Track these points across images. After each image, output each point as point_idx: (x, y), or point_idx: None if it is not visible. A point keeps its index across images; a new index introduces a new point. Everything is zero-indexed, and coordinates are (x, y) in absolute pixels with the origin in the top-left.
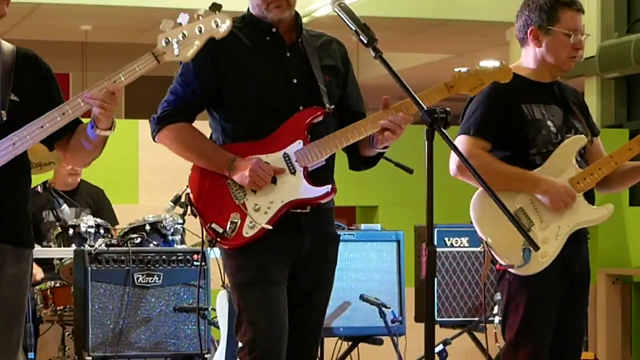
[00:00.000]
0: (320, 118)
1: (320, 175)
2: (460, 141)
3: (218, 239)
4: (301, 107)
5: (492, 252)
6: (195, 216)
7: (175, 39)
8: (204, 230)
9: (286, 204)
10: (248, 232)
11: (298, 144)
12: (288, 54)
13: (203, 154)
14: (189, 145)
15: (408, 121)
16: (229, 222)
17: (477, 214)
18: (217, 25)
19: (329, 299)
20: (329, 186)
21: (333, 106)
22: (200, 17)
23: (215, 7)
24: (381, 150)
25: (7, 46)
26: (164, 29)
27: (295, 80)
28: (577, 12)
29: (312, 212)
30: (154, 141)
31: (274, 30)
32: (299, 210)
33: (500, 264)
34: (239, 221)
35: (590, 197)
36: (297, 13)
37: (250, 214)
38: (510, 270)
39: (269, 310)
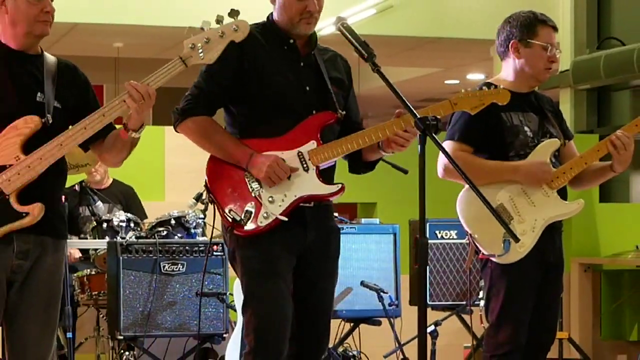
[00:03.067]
0: (332, 122)
1: (327, 174)
2: (446, 146)
3: (234, 226)
4: (314, 112)
5: (475, 243)
6: (212, 202)
7: (200, 44)
8: (221, 216)
9: (299, 198)
10: (262, 222)
11: (312, 144)
12: (302, 64)
13: (223, 147)
14: (210, 137)
15: (415, 136)
16: (244, 211)
17: (462, 209)
18: (235, 30)
19: (335, 287)
20: (340, 185)
21: (344, 112)
22: (221, 23)
23: (234, 13)
24: (386, 154)
25: (51, 58)
26: (188, 36)
27: (308, 88)
28: (552, 29)
29: (315, 207)
30: (176, 131)
31: (291, 41)
32: (303, 205)
33: (483, 254)
34: (254, 210)
35: (563, 193)
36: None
37: (265, 205)
38: (492, 259)
39: (274, 302)
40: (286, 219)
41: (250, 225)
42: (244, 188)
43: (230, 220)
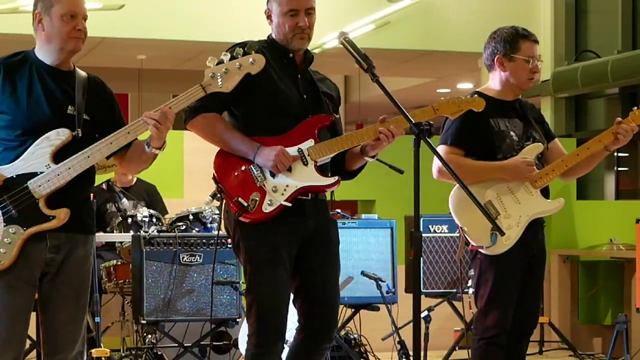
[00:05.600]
0: (328, 124)
1: (325, 169)
2: (440, 149)
3: (241, 212)
4: (310, 116)
5: (466, 236)
6: (221, 192)
7: (219, 74)
8: (229, 203)
9: (300, 188)
10: (267, 209)
11: (310, 142)
12: (299, 76)
13: (231, 140)
14: (219, 132)
15: (400, 133)
16: (250, 200)
17: (454, 206)
18: (252, 63)
19: (339, 274)
20: (337, 177)
21: (338, 115)
22: (239, 56)
23: (252, 49)
24: (369, 159)
25: (81, 74)
26: (209, 65)
27: (305, 96)
28: (533, 42)
29: (312, 200)
30: (185, 127)
31: (290, 55)
32: (302, 197)
33: (472, 246)
34: (259, 199)
35: (545, 192)
36: (307, 49)
37: (269, 193)
38: (481, 250)
39: (274, 288)
40: (290, 204)
41: (255, 212)
42: (249, 179)
43: (237, 206)
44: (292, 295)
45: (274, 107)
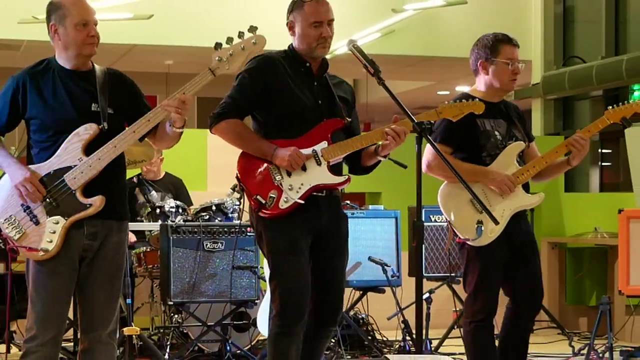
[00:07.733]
0: (340, 127)
1: (337, 168)
2: (429, 147)
3: (260, 208)
4: (324, 120)
5: (453, 228)
6: (242, 190)
7: (225, 57)
8: (250, 201)
9: (313, 186)
10: (283, 205)
11: (324, 144)
12: (315, 83)
13: (252, 143)
14: (241, 135)
15: (405, 132)
16: (268, 197)
17: (442, 201)
18: (255, 43)
19: (346, 263)
20: (347, 176)
21: (350, 119)
22: (242, 38)
23: (253, 29)
24: (381, 158)
25: (100, 68)
26: (216, 49)
27: (320, 102)
28: (513, 46)
29: (326, 196)
30: (211, 132)
31: (307, 64)
32: (317, 194)
33: (459, 238)
34: (276, 196)
35: (526, 187)
36: (324, 58)
37: (285, 192)
38: (467, 242)
39: (295, 274)
40: (303, 202)
41: (272, 208)
42: (268, 179)
43: (256, 203)
44: None
45: (291, 113)
